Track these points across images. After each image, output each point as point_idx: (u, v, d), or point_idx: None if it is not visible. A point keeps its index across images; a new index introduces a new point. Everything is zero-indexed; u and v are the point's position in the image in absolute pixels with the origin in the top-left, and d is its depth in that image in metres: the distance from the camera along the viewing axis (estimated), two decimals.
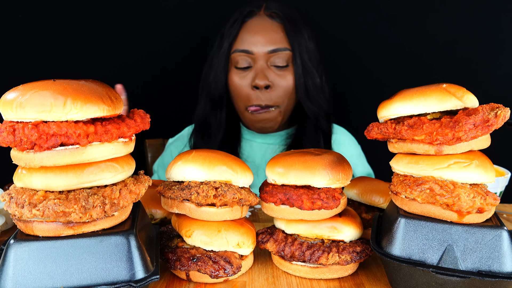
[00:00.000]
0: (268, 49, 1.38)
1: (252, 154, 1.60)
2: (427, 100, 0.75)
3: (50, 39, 1.72)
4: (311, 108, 1.47)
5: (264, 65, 1.40)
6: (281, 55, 1.40)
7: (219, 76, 1.42)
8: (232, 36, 1.40)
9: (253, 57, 1.40)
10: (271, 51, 1.38)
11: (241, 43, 1.40)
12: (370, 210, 1.06)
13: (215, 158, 0.86)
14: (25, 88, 0.66)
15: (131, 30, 1.78)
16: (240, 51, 1.39)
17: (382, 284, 0.86)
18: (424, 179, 0.76)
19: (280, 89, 1.42)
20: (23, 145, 0.65)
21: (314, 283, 0.86)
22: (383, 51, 1.88)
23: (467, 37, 1.84)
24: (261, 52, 1.39)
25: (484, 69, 1.88)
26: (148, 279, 0.69)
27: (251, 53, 1.39)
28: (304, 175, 0.85)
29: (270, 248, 0.90)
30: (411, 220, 0.77)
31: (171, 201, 0.87)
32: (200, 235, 0.83)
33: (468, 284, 0.73)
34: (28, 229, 0.69)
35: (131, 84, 1.80)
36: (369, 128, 0.84)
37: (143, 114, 0.77)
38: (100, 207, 0.68)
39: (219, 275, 0.80)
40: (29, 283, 0.67)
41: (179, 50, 1.83)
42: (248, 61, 1.40)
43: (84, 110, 0.66)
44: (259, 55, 1.39)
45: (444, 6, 1.81)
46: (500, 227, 0.74)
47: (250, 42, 1.38)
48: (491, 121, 0.70)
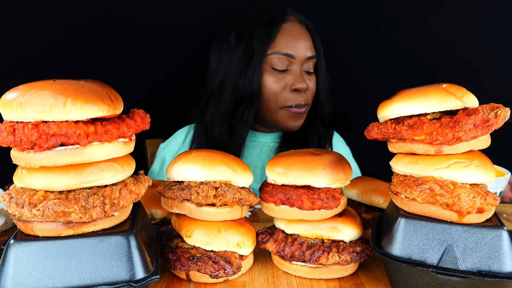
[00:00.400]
0: (306, 55, 1.47)
1: (251, 153, 1.61)
2: (427, 100, 0.75)
3: (50, 39, 1.72)
4: (329, 109, 1.58)
5: (300, 70, 1.48)
6: (311, 62, 1.50)
7: (256, 76, 1.43)
8: (271, 38, 1.43)
9: (291, 61, 1.45)
10: (308, 58, 1.48)
11: (283, 46, 1.44)
12: (370, 210, 1.06)
13: (215, 158, 0.86)
14: (25, 88, 0.66)
15: (132, 31, 1.78)
16: (282, 54, 1.43)
17: (382, 284, 0.86)
18: (424, 179, 0.76)
19: (309, 92, 1.51)
20: (23, 145, 0.65)
21: (314, 283, 0.86)
22: (383, 51, 1.88)
23: (467, 37, 1.84)
24: (302, 57, 1.46)
25: (484, 69, 1.88)
26: (148, 279, 0.69)
27: (292, 57, 1.45)
28: (304, 175, 0.85)
29: (270, 248, 0.90)
30: (411, 220, 0.77)
31: (171, 201, 0.87)
32: (200, 235, 0.83)
33: (468, 284, 0.73)
34: (28, 229, 0.69)
35: (131, 84, 1.81)
36: (369, 128, 0.84)
37: (143, 114, 0.77)
38: (100, 207, 0.68)
39: (219, 275, 0.80)
40: (29, 283, 0.67)
41: (180, 50, 1.83)
42: (286, 64, 1.45)
43: (84, 110, 0.66)
44: (298, 60, 1.46)
45: (444, 7, 1.81)
46: (500, 227, 0.74)
47: (292, 47, 1.44)
48: (491, 121, 0.70)
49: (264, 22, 1.45)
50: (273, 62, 1.44)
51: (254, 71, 1.42)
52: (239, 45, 1.46)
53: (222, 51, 1.50)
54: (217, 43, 1.55)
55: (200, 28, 1.81)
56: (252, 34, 1.44)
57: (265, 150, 1.63)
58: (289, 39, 1.44)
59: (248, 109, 1.46)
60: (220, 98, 1.49)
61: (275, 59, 1.44)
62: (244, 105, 1.46)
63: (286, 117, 1.51)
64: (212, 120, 1.51)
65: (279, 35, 1.44)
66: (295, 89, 1.46)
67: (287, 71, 1.46)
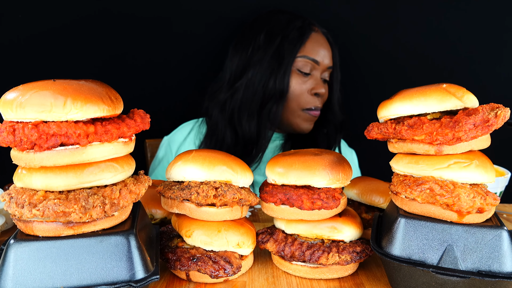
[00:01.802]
0: (328, 64, 1.60)
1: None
2: (427, 100, 0.75)
3: (50, 39, 1.72)
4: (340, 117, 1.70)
5: (320, 76, 1.59)
6: (329, 71, 1.62)
7: (286, 75, 1.52)
8: (302, 42, 1.53)
9: (315, 67, 1.56)
10: (329, 67, 1.60)
11: (311, 52, 1.54)
12: (370, 210, 1.06)
13: (215, 158, 0.86)
14: (25, 88, 0.66)
15: (133, 31, 1.78)
16: (310, 59, 1.54)
17: (382, 284, 0.86)
18: (424, 179, 0.76)
19: (323, 99, 1.63)
20: (23, 145, 0.65)
21: (314, 283, 0.86)
22: (383, 51, 1.88)
23: (467, 37, 1.84)
24: (324, 65, 1.58)
25: (484, 69, 1.88)
26: (148, 279, 0.69)
27: (317, 63, 1.55)
28: (304, 175, 0.85)
29: (270, 248, 0.90)
30: (411, 220, 0.77)
31: (171, 201, 0.87)
32: (200, 235, 0.83)
33: (468, 284, 0.73)
34: (28, 229, 0.69)
35: (131, 83, 1.81)
36: (369, 128, 0.84)
37: (143, 114, 0.77)
38: (100, 207, 0.68)
39: (219, 275, 0.80)
40: (29, 283, 0.67)
41: (180, 50, 1.83)
42: (310, 69, 1.55)
43: (84, 110, 0.66)
44: (321, 67, 1.58)
45: (444, 7, 1.81)
46: (500, 227, 0.74)
47: (319, 54, 1.56)
48: (491, 121, 0.70)
49: (296, 27, 1.55)
50: (300, 65, 1.54)
51: (285, 71, 1.51)
52: (270, 45, 1.53)
53: (249, 48, 1.56)
54: (241, 41, 1.60)
55: (200, 27, 1.81)
56: (284, 36, 1.53)
57: (268, 149, 1.65)
58: (316, 46, 1.56)
59: (276, 106, 1.54)
60: (247, 92, 1.55)
61: (302, 62, 1.54)
62: (272, 102, 1.53)
63: (303, 119, 1.60)
64: (238, 113, 1.56)
65: (309, 41, 1.55)
66: (315, 93, 1.57)
67: (310, 76, 1.57)
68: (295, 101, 1.56)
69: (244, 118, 1.55)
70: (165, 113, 1.83)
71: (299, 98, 1.56)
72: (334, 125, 1.70)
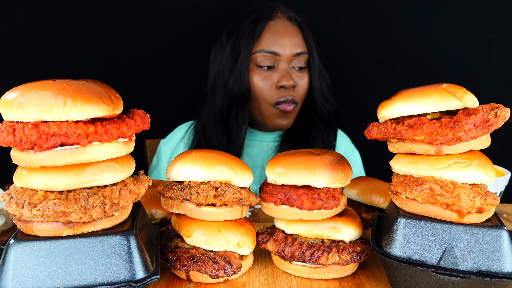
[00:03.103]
0: (294, 52, 1.44)
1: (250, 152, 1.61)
2: (427, 100, 0.75)
3: (50, 39, 1.72)
4: (326, 107, 1.55)
5: (288, 67, 1.46)
6: (302, 58, 1.47)
7: (243, 75, 1.43)
8: (255, 36, 1.43)
9: (278, 59, 1.44)
10: (296, 54, 1.45)
11: (266, 44, 1.43)
12: (370, 210, 1.06)
13: (215, 158, 0.86)
14: (25, 88, 0.66)
15: (133, 30, 1.78)
16: (267, 52, 1.42)
17: (382, 284, 0.86)
18: (424, 179, 0.76)
19: (300, 89, 1.49)
20: (23, 145, 0.65)
21: (314, 283, 0.86)
22: (383, 51, 1.88)
23: (466, 37, 1.84)
24: (287, 55, 1.44)
25: (483, 70, 1.88)
26: (148, 279, 0.69)
27: (277, 55, 1.43)
28: (304, 175, 0.85)
29: (270, 248, 0.90)
30: (411, 220, 0.77)
31: (171, 201, 0.87)
32: (200, 235, 0.83)
33: (468, 284, 0.73)
34: (28, 229, 0.69)
35: (131, 83, 1.81)
36: (369, 128, 0.84)
37: (143, 114, 0.77)
38: (100, 207, 0.68)
39: (219, 275, 0.80)
40: (29, 283, 0.67)
41: (180, 50, 1.83)
42: (272, 62, 1.44)
43: (84, 110, 0.66)
44: (284, 57, 1.44)
45: (443, 7, 1.81)
46: (500, 227, 0.74)
47: (277, 44, 1.43)
48: (491, 121, 0.70)
49: (250, 21, 1.44)
50: (258, 60, 1.43)
51: (240, 70, 1.43)
52: (227, 45, 1.47)
53: (216, 51, 1.51)
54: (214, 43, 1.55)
55: (200, 27, 1.81)
56: (239, 33, 1.45)
57: (265, 149, 1.63)
58: (274, 37, 1.43)
59: (241, 110, 1.47)
60: (213, 98, 1.50)
61: (260, 57, 1.43)
62: (237, 106, 1.47)
63: (274, 115, 1.49)
64: (208, 121, 1.51)
65: (264, 32, 1.43)
66: (280, 86, 1.44)
67: (274, 69, 1.45)
68: (261, 98, 1.46)
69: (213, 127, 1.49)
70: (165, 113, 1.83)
71: (264, 94, 1.45)
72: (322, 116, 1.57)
